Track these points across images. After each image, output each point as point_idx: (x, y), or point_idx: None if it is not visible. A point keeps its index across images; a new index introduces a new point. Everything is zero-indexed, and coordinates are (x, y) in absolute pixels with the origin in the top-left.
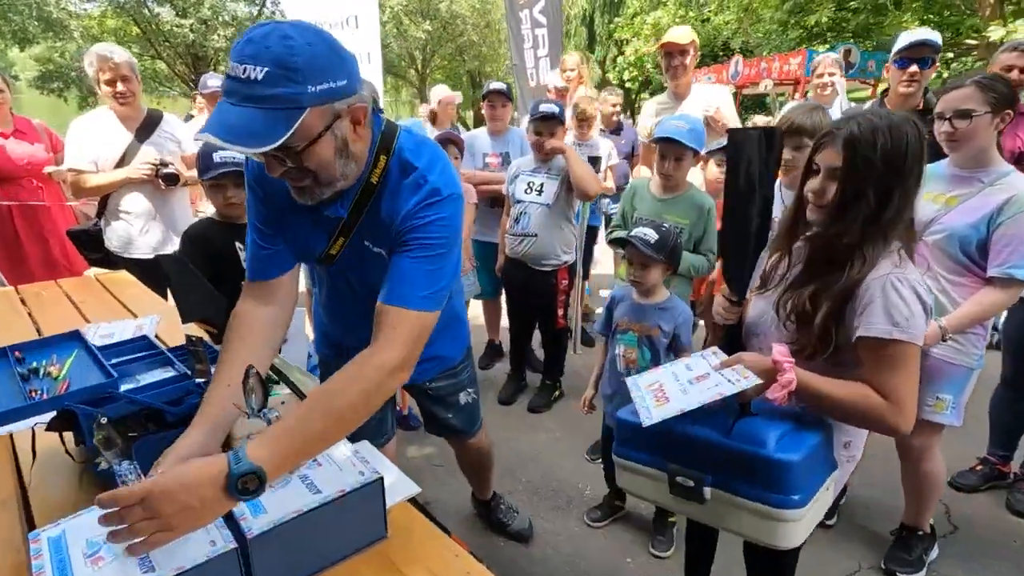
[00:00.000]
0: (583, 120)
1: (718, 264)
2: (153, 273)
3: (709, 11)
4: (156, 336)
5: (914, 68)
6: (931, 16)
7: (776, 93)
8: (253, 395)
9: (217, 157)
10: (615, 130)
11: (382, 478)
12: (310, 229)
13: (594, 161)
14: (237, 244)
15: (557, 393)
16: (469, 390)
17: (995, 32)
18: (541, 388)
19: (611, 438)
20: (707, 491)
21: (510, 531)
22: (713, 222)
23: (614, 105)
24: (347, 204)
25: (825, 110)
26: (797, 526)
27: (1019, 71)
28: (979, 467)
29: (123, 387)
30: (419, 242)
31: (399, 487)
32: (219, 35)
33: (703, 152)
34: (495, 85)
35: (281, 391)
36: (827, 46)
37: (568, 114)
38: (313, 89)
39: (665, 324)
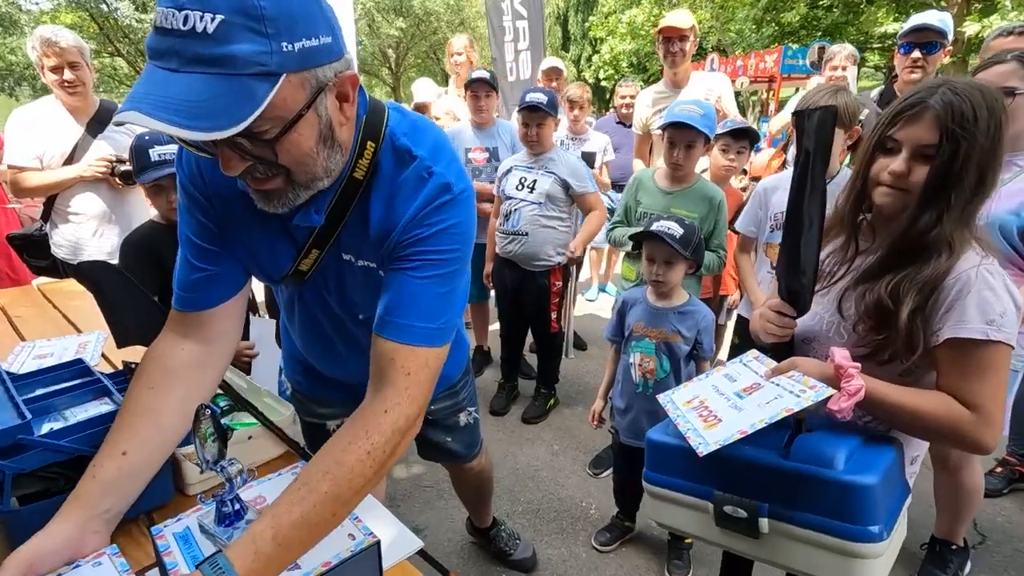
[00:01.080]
0: (574, 105)
1: (729, 259)
2: None
3: (682, 9)
4: (103, 356)
5: (917, 54)
6: (901, 13)
7: (749, 92)
8: (208, 441)
9: (155, 155)
10: (631, 124)
11: (378, 542)
12: (272, 241)
13: (588, 156)
14: None
15: (553, 401)
16: (470, 409)
17: (970, 27)
18: (536, 397)
19: (624, 455)
20: (764, 523)
21: (512, 561)
22: (724, 215)
23: (631, 96)
24: (323, 208)
25: (848, 91)
26: (876, 564)
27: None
28: (999, 469)
29: (44, 428)
30: (427, 257)
31: (398, 544)
32: None
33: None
34: (477, 73)
35: (245, 420)
36: (799, 44)
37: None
38: (288, 47)
39: (686, 330)
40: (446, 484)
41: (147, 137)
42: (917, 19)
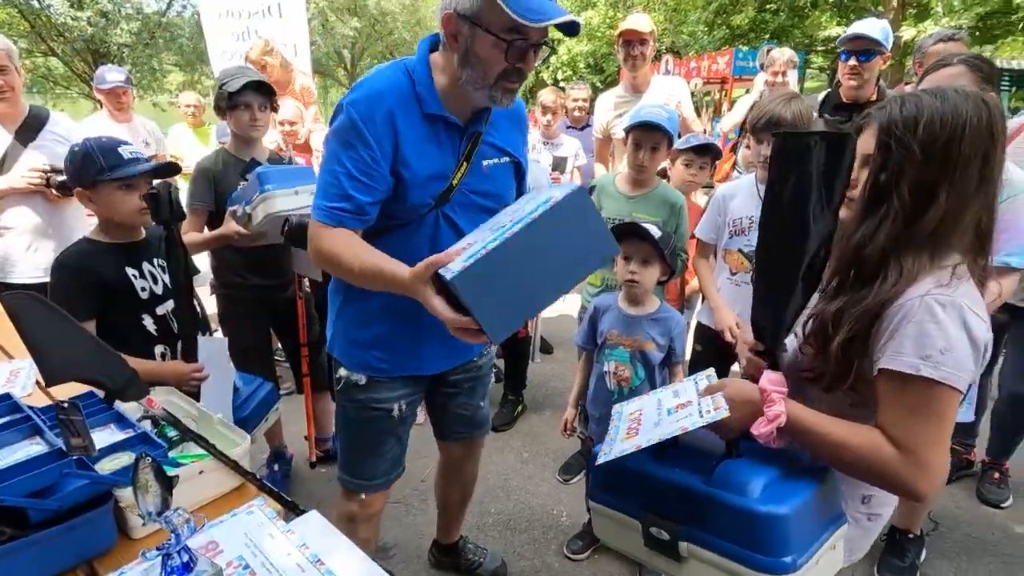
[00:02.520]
0: (547, 111)
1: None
2: None
3: (636, 11)
4: (38, 384)
5: (854, 61)
6: (843, 18)
7: (702, 93)
8: (150, 491)
9: (127, 152)
10: (583, 127)
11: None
12: (443, 154)
13: (560, 161)
14: (130, 271)
15: (521, 408)
16: (493, 369)
17: (907, 32)
18: (503, 403)
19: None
20: (683, 546)
21: (482, 573)
22: (685, 219)
23: (584, 100)
24: (482, 117)
25: (801, 98)
26: None
27: (924, 74)
28: None
29: None
30: None
31: None
32: (122, 29)
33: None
34: None
35: (195, 451)
36: (748, 47)
37: None
38: None
39: (660, 337)
40: (414, 499)
41: (103, 139)
42: (855, 28)
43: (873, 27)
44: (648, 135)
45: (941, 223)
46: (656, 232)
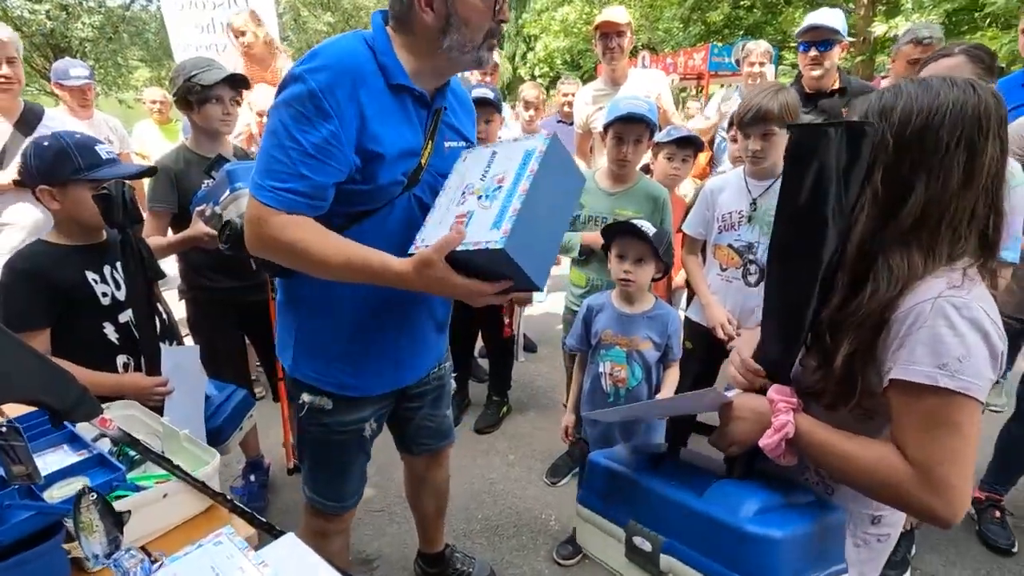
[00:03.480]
0: (529, 106)
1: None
2: None
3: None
4: None
5: (814, 51)
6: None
7: (679, 89)
8: (96, 532)
9: (103, 152)
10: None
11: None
12: (413, 129)
13: None
14: (91, 276)
15: (506, 409)
16: (452, 374)
17: (878, 28)
18: (488, 405)
19: None
20: (664, 559)
21: None
22: (669, 214)
23: (573, 95)
24: (444, 91)
25: (790, 90)
26: None
27: (923, 64)
28: None
29: None
30: None
31: None
32: (83, 23)
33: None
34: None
35: (158, 472)
36: (724, 43)
37: None
38: None
39: (656, 335)
40: (397, 507)
41: (77, 135)
42: (810, 19)
43: (829, 16)
44: (630, 128)
45: (923, 218)
46: (651, 230)
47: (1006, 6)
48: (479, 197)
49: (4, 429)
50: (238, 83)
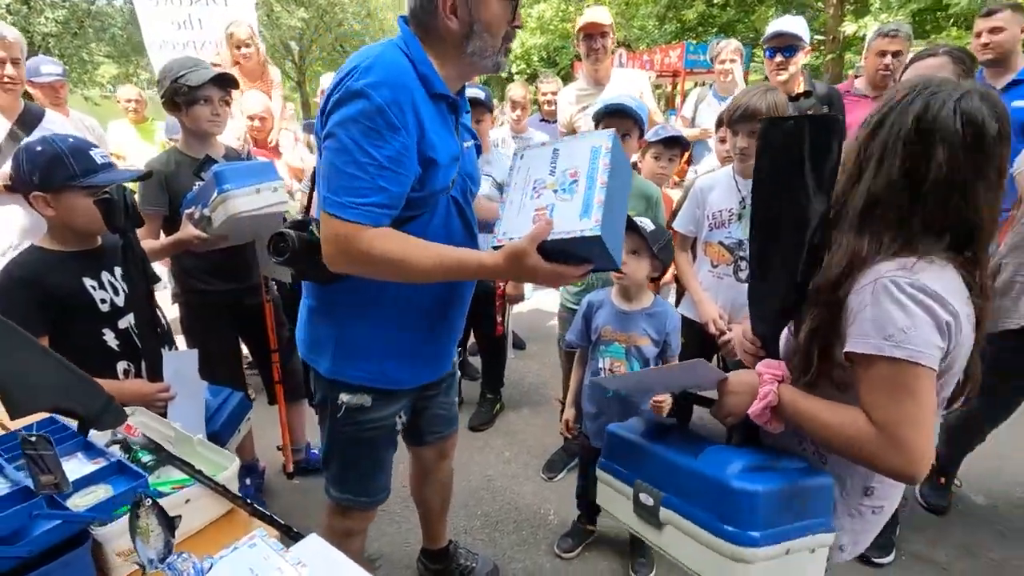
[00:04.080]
0: (516, 105)
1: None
2: None
3: (587, 4)
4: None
5: (780, 57)
6: (786, 13)
7: (655, 86)
8: (152, 536)
9: (98, 156)
10: (556, 120)
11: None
12: (451, 138)
13: None
14: (88, 282)
15: (499, 406)
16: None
17: (848, 27)
18: (481, 403)
19: (594, 460)
20: (663, 512)
21: None
22: (662, 212)
23: (554, 93)
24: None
25: (777, 91)
26: (749, 569)
27: (891, 55)
28: None
29: None
30: None
31: None
32: (47, 18)
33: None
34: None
35: (175, 476)
36: (698, 40)
37: None
38: None
39: (655, 332)
40: (396, 506)
41: (71, 140)
42: (775, 26)
43: (793, 24)
44: (619, 122)
45: (867, 207)
46: (649, 226)
47: (968, 7)
48: (555, 191)
49: (34, 439)
50: (227, 83)
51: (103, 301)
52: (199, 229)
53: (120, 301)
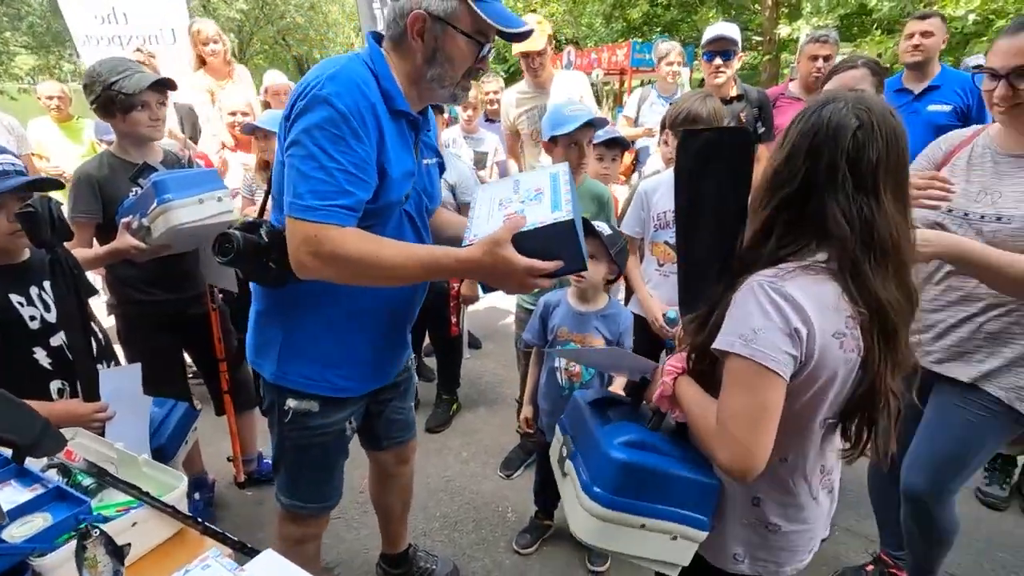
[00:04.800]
0: (467, 106)
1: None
2: None
3: (536, 1)
4: None
5: (719, 60)
6: (727, 14)
7: (603, 83)
8: (100, 567)
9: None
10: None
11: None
12: (407, 155)
13: (481, 157)
14: (15, 299)
15: (456, 407)
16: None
17: (783, 29)
18: (438, 404)
19: (548, 458)
20: (567, 464)
21: None
22: (612, 212)
23: (496, 92)
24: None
25: (715, 97)
26: (588, 520)
27: (823, 59)
28: (870, 567)
29: None
30: None
31: None
32: None
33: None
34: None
35: (119, 499)
36: (643, 39)
37: None
38: None
39: (609, 333)
40: (353, 511)
41: None
42: (713, 31)
43: (730, 29)
44: (585, 132)
45: (771, 219)
46: (606, 230)
47: (889, 13)
48: (522, 202)
49: None
50: (163, 85)
51: (32, 318)
52: (137, 239)
53: (51, 317)
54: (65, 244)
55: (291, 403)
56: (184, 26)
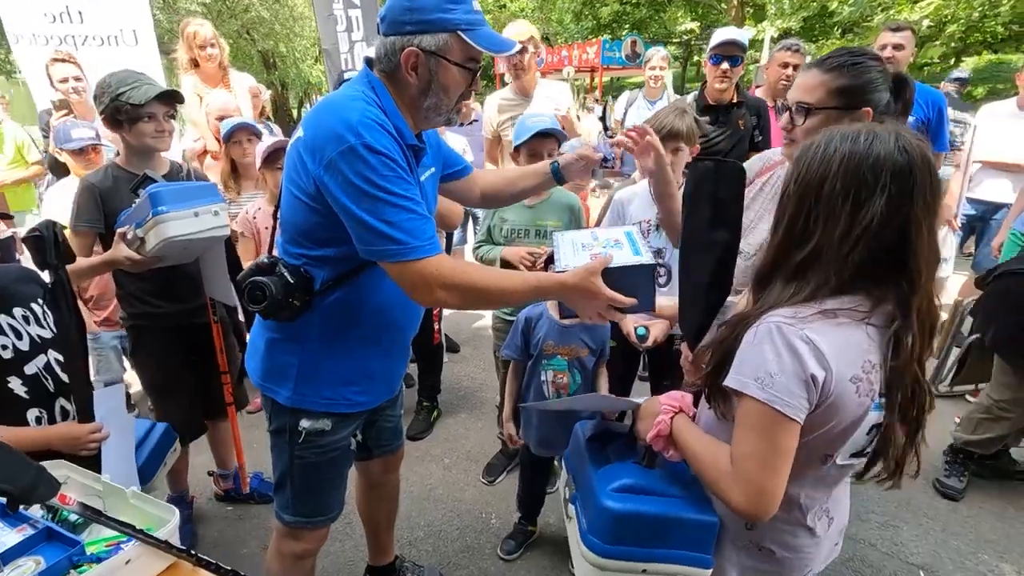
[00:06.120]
0: None
1: None
2: None
3: (508, 10)
4: None
5: (726, 66)
6: (696, 14)
7: (574, 80)
8: None
9: None
10: (470, 122)
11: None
12: (415, 185)
13: None
14: None
15: (436, 413)
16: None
17: (748, 31)
18: (418, 411)
19: (534, 466)
20: (569, 508)
21: None
22: (583, 220)
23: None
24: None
25: (690, 112)
26: (588, 568)
27: (793, 68)
28: None
29: None
30: None
31: None
32: None
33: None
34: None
35: (107, 535)
36: (612, 37)
37: None
38: None
39: (593, 342)
40: (337, 524)
41: None
42: (726, 34)
43: (741, 34)
44: (544, 142)
45: (806, 258)
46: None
47: (850, 16)
48: (603, 247)
49: None
50: (171, 96)
51: (4, 347)
52: (132, 249)
53: (25, 345)
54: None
55: (304, 423)
56: (147, 27)
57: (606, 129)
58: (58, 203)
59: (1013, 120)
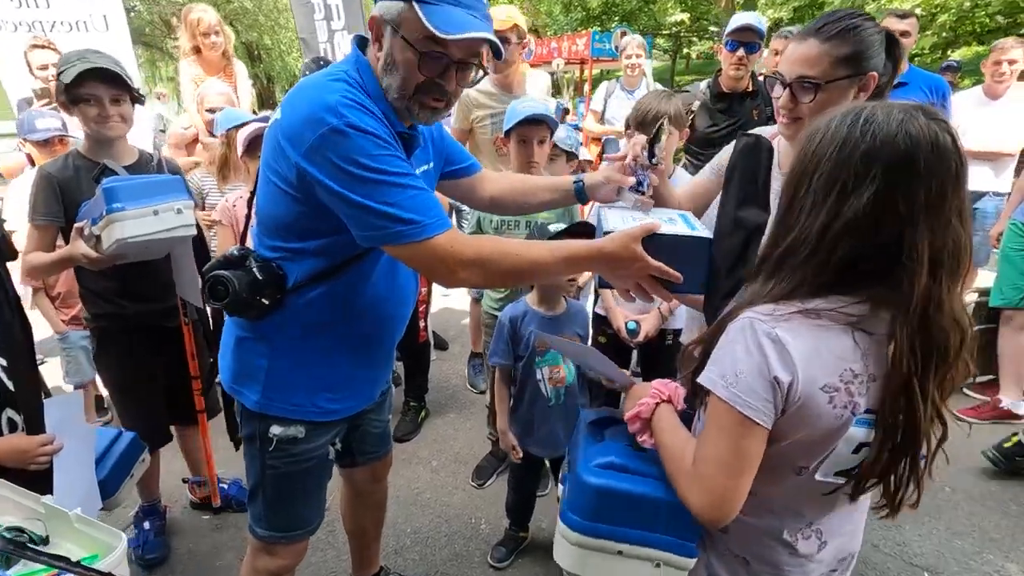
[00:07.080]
0: None
1: None
2: None
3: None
4: None
5: (741, 52)
6: (686, 4)
7: (563, 72)
8: None
9: None
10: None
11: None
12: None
13: None
14: None
15: (424, 414)
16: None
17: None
18: (405, 411)
19: (528, 469)
20: (560, 487)
21: None
22: (576, 213)
23: None
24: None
25: (677, 96)
26: (568, 548)
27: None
28: None
29: None
30: None
31: None
32: None
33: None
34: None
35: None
36: (602, 28)
37: None
38: None
39: (580, 329)
40: (320, 533)
41: None
42: (744, 19)
43: (759, 21)
44: (534, 129)
45: (787, 250)
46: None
47: (840, 5)
48: (655, 219)
49: None
50: (115, 79)
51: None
52: (89, 246)
53: None
54: (25, 247)
55: (276, 430)
56: (118, 12)
57: (652, 156)
58: (20, 197)
59: (981, 108)
